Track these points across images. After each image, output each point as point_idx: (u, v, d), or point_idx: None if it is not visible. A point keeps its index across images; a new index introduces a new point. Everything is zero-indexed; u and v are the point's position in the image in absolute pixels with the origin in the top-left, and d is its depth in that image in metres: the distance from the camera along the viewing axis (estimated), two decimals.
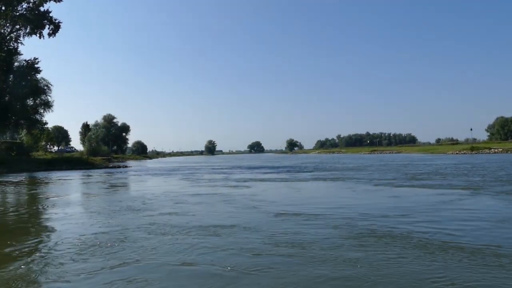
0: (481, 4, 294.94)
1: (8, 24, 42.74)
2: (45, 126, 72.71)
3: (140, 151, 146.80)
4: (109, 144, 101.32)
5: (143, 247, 5.93)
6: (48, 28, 43.57)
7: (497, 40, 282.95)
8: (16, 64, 46.65)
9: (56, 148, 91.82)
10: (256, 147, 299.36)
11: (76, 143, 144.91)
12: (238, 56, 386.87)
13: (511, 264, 4.68)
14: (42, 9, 43.09)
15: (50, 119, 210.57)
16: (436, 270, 4.54)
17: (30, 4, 42.91)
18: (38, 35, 42.95)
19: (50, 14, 43.29)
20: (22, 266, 5.02)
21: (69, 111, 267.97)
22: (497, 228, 6.87)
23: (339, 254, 5.28)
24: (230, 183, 19.20)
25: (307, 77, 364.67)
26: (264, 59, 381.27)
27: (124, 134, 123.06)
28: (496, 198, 10.87)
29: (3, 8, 41.78)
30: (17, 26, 43.09)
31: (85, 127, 78.30)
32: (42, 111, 56.39)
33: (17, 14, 42.46)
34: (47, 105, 56.45)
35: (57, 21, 43.59)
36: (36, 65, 45.40)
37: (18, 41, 43.77)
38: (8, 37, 43.21)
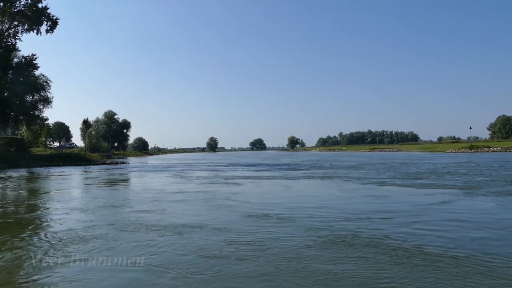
0: (483, 2, 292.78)
1: (6, 21, 42.85)
2: (46, 122, 72.87)
3: (141, 147, 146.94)
4: (110, 140, 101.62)
5: (99, 245, 5.95)
6: (46, 25, 43.74)
7: (499, 39, 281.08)
8: (15, 60, 46.82)
9: (57, 144, 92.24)
10: (258, 144, 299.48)
11: (77, 139, 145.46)
12: (242, 54, 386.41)
13: (474, 273, 4.48)
14: (40, 5, 43.23)
15: (52, 115, 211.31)
16: (392, 278, 4.40)
17: (28, 0, 43.03)
18: (35, 31, 43.13)
19: (48, 11, 43.44)
20: None
21: (71, 107, 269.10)
22: (475, 233, 6.60)
23: (297, 259, 5.13)
24: (218, 180, 19.22)
25: (310, 75, 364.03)
26: (267, 57, 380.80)
27: (125, 130, 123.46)
28: (485, 200, 10.59)
29: (1, 4, 41.88)
30: (15, 23, 43.22)
31: (85, 123, 78.41)
32: (41, 107, 56.65)
33: (15, 10, 42.57)
34: (47, 101, 56.63)
35: (54, 17, 43.72)
36: (34, 61, 45.54)
37: (16, 37, 43.93)
38: (6, 33, 43.34)
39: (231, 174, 24.42)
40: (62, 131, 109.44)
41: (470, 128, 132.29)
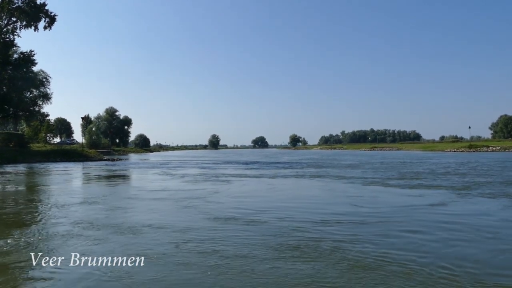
0: (486, 1, 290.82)
1: (4, 17, 43.05)
2: (46, 118, 72.82)
3: (143, 144, 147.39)
4: (111, 136, 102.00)
5: (55, 243, 6.00)
6: (44, 21, 43.93)
7: (502, 39, 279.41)
8: (14, 56, 47.08)
9: (58, 140, 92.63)
10: (260, 142, 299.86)
11: (79, 135, 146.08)
12: (245, 52, 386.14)
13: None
14: (38, 2, 43.40)
15: (54, 111, 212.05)
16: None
17: None
18: (33, 28, 43.32)
19: (46, 7, 43.64)
20: None
21: (73, 104, 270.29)
22: (451, 240, 6.21)
23: (245, 264, 4.95)
24: (205, 178, 19.17)
25: (312, 73, 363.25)
26: (270, 55, 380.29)
27: (126, 127, 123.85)
28: (476, 202, 10.29)
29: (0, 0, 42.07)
30: (14, 19, 43.41)
31: (86, 119, 78.69)
32: (40, 103, 56.89)
33: (14, 6, 42.75)
34: (46, 97, 56.90)
35: (52, 14, 43.93)
36: (32, 58, 45.74)
37: (15, 33, 44.17)
38: (4, 29, 43.55)
39: (222, 172, 24.40)
40: (63, 127, 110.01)
41: (469, 127, 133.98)
